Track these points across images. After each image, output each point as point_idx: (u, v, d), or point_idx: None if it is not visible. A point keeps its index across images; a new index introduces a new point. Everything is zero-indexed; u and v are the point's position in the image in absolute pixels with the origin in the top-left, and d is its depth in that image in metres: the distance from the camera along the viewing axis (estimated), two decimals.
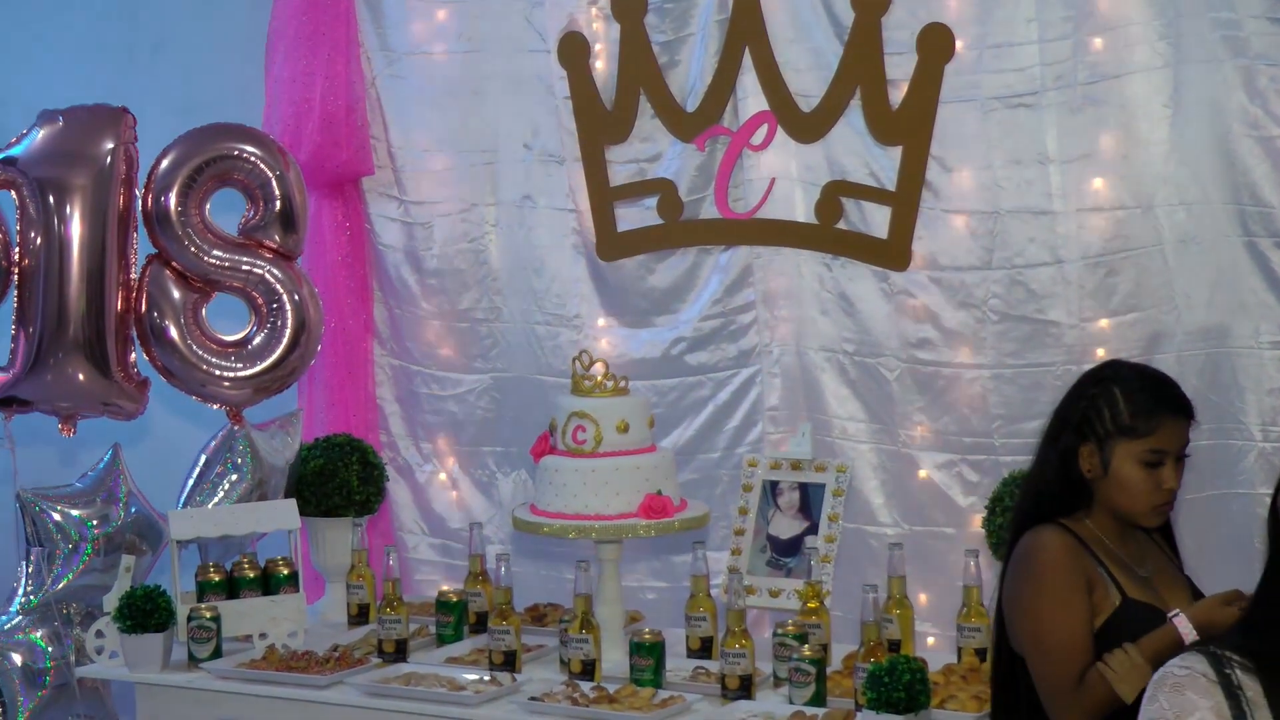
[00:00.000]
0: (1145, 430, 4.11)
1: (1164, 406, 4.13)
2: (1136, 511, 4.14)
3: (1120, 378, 4.25)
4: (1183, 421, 4.12)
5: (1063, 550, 4.19)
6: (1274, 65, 5.15)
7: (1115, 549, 4.17)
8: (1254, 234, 5.25)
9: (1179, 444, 4.10)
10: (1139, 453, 4.10)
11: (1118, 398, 4.19)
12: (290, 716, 5.11)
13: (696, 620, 5.17)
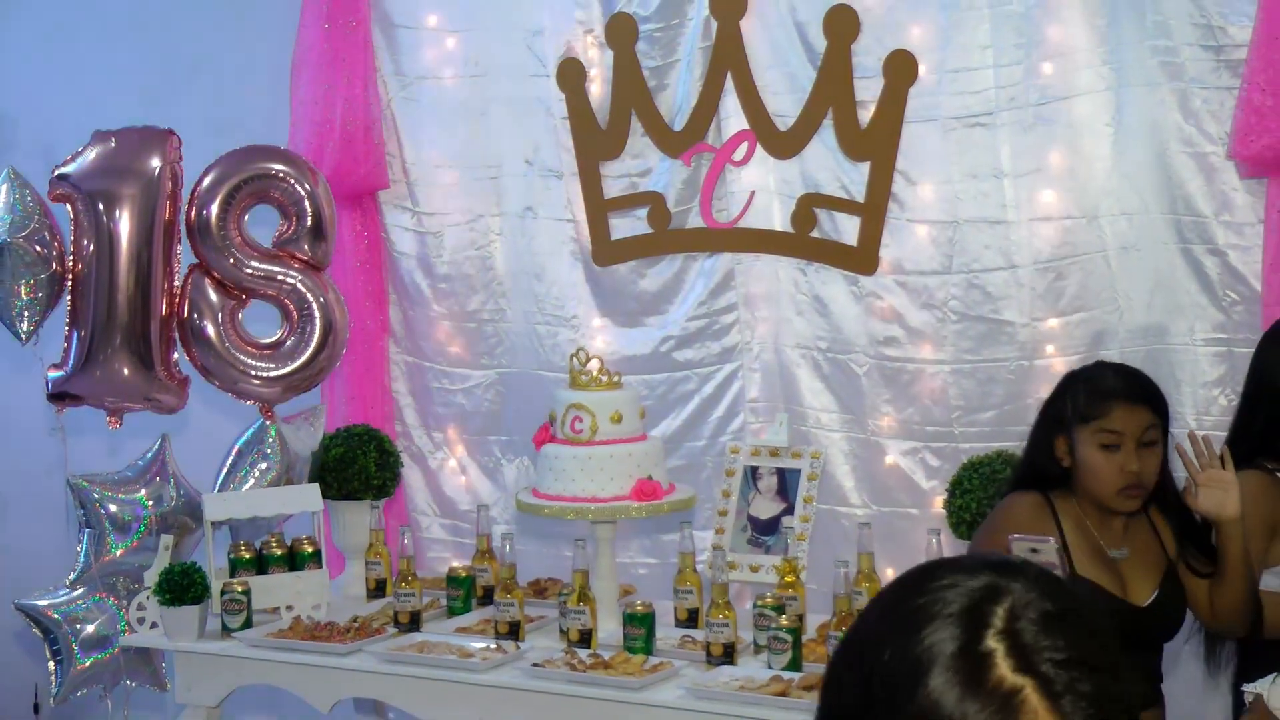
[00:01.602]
0: (1098, 414, 4.13)
1: (1117, 392, 4.15)
2: (1104, 495, 4.15)
3: (1087, 373, 4.30)
4: (1138, 407, 4.11)
5: (1024, 512, 4.24)
6: (1206, 88, 5.18)
7: (1090, 528, 4.19)
8: (1189, 241, 5.28)
9: (1134, 428, 4.10)
10: (1095, 436, 4.13)
11: (1080, 389, 4.22)
12: (314, 681, 5.12)
13: (684, 593, 5.18)
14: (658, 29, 5.93)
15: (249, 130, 5.98)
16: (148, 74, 7.02)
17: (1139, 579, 4.19)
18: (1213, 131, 5.19)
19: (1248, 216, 5.17)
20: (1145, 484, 4.12)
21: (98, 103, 6.53)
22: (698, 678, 4.65)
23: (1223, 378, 5.27)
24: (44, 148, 6.50)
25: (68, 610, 5.72)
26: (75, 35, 7.25)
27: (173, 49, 7.00)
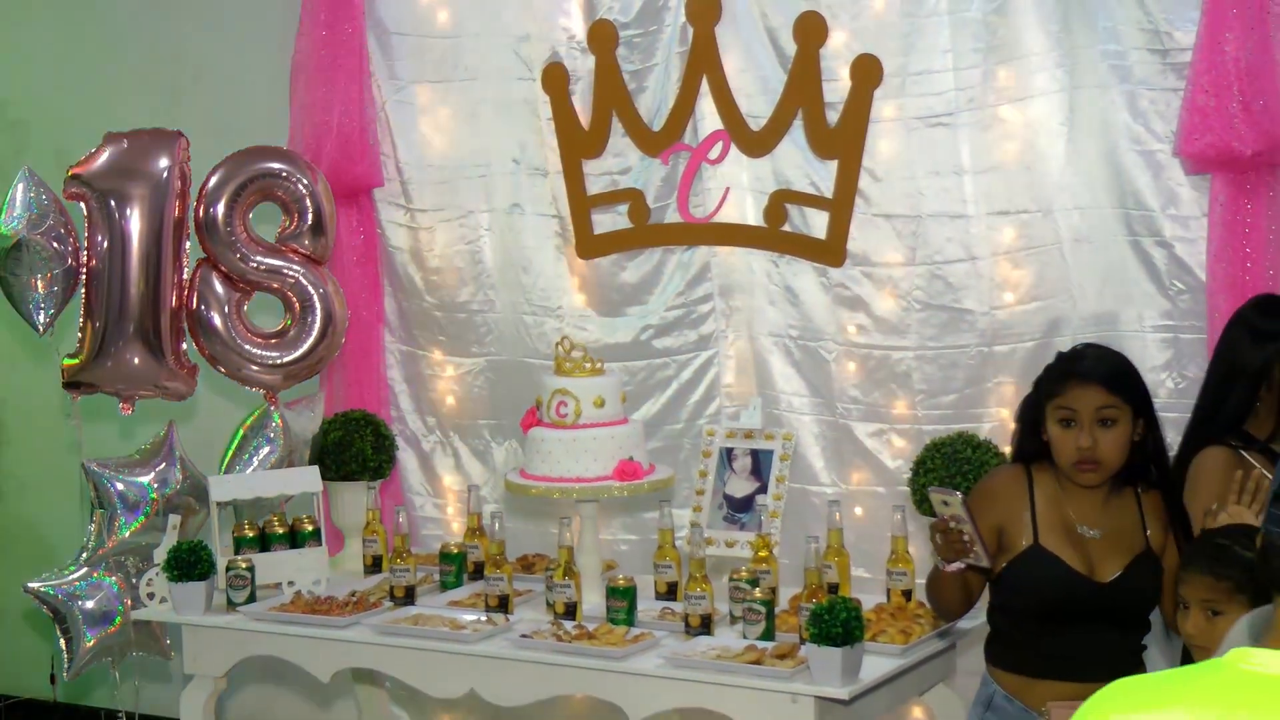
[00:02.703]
0: (1056, 391, 4.16)
1: (1072, 372, 4.17)
2: (1063, 468, 4.19)
3: (1064, 353, 4.33)
4: (1091, 387, 4.12)
5: (998, 479, 4.32)
6: (1154, 89, 5.18)
7: (1063, 502, 4.22)
8: (1138, 234, 5.28)
9: (1088, 406, 4.11)
10: (1056, 412, 4.17)
11: (1051, 368, 4.27)
12: (315, 652, 5.13)
13: (663, 567, 5.19)
14: (637, 35, 5.93)
15: (251, 132, 5.98)
16: (156, 79, 7.02)
17: (1108, 558, 4.19)
18: (1160, 130, 5.19)
19: (1193, 210, 5.18)
20: (1100, 460, 4.13)
21: (108, 107, 6.53)
22: (677, 647, 4.67)
23: (1170, 362, 5.28)
24: (57, 149, 6.52)
25: (72, 589, 5.73)
26: (86, 43, 7.25)
27: (179, 56, 7.00)
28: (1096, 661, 4.13)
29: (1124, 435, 4.16)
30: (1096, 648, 4.17)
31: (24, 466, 7.63)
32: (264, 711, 7.12)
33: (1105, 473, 4.18)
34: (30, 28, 7.40)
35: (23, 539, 7.54)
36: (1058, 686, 4.16)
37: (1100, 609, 4.17)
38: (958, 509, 4.02)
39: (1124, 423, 4.15)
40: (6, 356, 7.54)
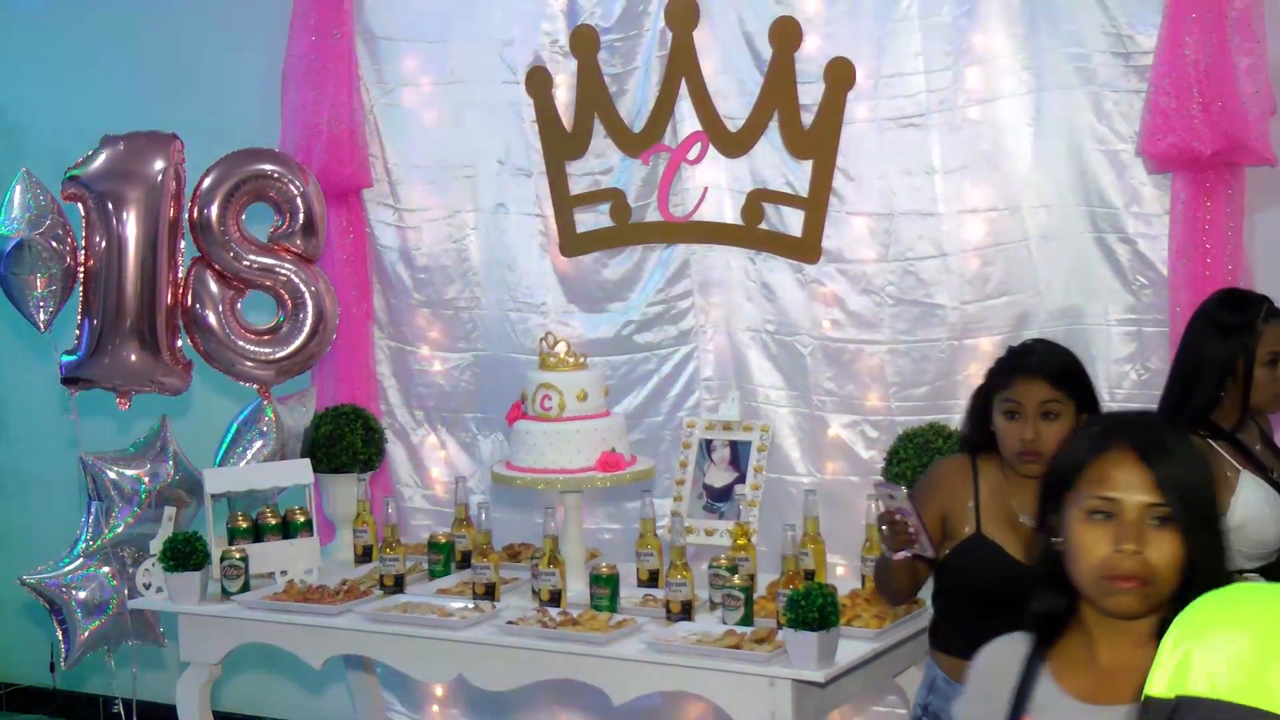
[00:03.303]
0: (1003, 384, 4.18)
1: (1018, 366, 4.19)
2: (1007, 458, 4.19)
3: (1013, 348, 4.34)
4: (1036, 381, 4.13)
5: (945, 469, 4.33)
6: (1117, 91, 5.20)
7: (1008, 491, 4.21)
8: (1102, 231, 5.30)
9: (1033, 399, 4.12)
10: (1002, 404, 4.17)
11: (999, 361, 4.28)
12: (307, 640, 5.13)
13: (645, 555, 5.19)
14: (618, 39, 5.94)
15: (244, 134, 5.98)
16: (150, 83, 7.01)
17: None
18: (1123, 130, 5.20)
19: (1155, 208, 5.19)
20: (1042, 451, 4.09)
21: (104, 110, 6.52)
22: (658, 632, 4.68)
23: (1133, 354, 5.29)
24: (54, 152, 6.49)
25: (67, 581, 5.73)
26: (82, 48, 7.23)
27: (173, 60, 6.99)
28: None
29: (1066, 428, 4.15)
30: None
31: (23, 461, 7.62)
32: (258, 698, 7.13)
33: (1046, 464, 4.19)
34: (27, 33, 7.39)
35: (22, 532, 7.53)
36: None
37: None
38: (903, 502, 4.03)
39: (1067, 416, 4.16)
40: (6, 353, 7.53)
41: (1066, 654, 2.75)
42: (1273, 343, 4.31)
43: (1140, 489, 2.58)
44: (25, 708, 7.74)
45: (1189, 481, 2.61)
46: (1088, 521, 2.62)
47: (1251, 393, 4.31)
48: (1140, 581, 2.57)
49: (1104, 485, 2.61)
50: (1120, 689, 2.59)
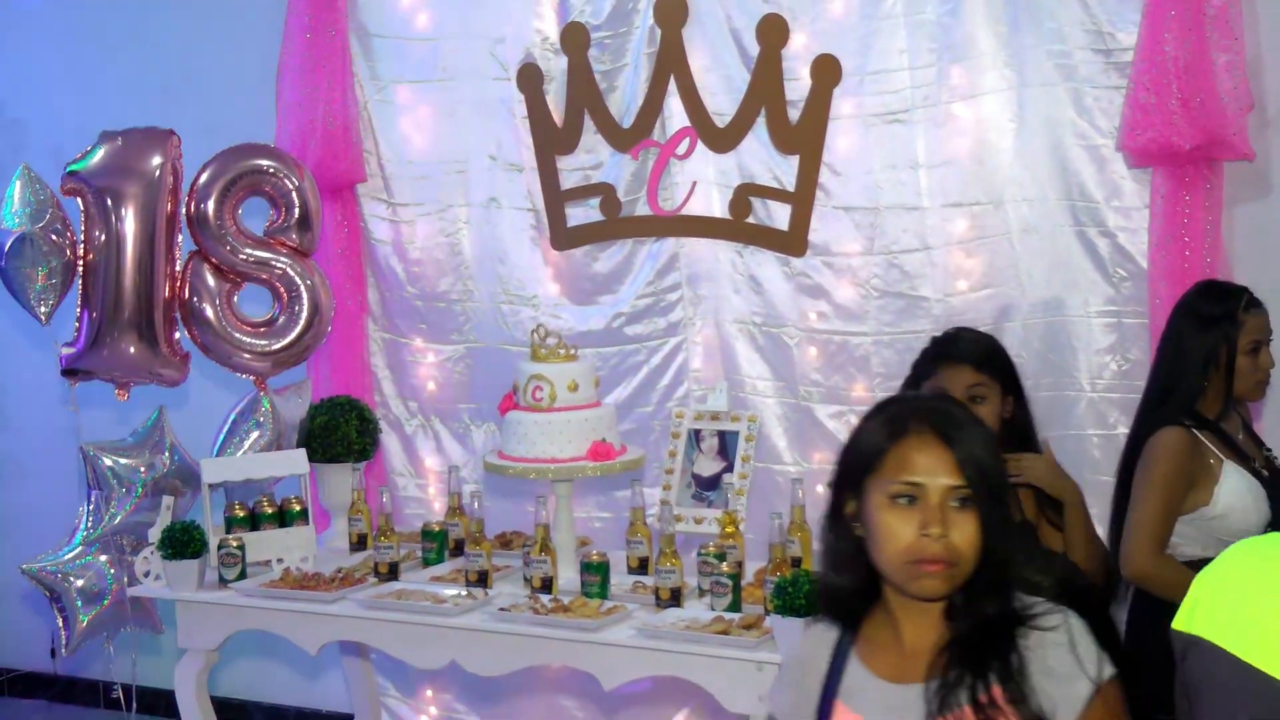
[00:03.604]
0: (929, 373, 4.24)
1: (943, 355, 4.24)
2: None
3: (932, 339, 4.34)
4: (960, 367, 4.18)
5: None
6: (1098, 87, 5.20)
7: None
8: (1083, 224, 5.30)
9: (959, 385, 4.18)
10: (928, 391, 4.20)
11: (920, 355, 4.31)
12: (303, 626, 5.11)
13: (635, 543, 5.19)
14: (607, 36, 5.92)
15: (240, 130, 5.95)
16: (148, 80, 6.99)
17: None
18: (1103, 126, 5.20)
19: (1135, 202, 5.19)
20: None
21: (103, 106, 6.48)
22: (648, 619, 4.66)
23: (1113, 345, 5.29)
24: (53, 148, 6.48)
25: (66, 569, 5.72)
26: (81, 45, 7.21)
27: (170, 57, 6.97)
28: None
29: (993, 411, 4.20)
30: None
31: (24, 450, 7.61)
32: (255, 683, 7.12)
33: None
34: (27, 30, 7.36)
35: (23, 521, 7.52)
36: None
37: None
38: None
39: (993, 400, 4.19)
40: (7, 345, 7.52)
41: (872, 637, 2.77)
42: (1254, 332, 4.32)
43: (943, 472, 2.60)
44: (26, 693, 7.74)
45: (985, 459, 2.62)
46: (891, 507, 2.62)
47: (1235, 381, 4.31)
48: (946, 564, 2.59)
49: (907, 469, 2.62)
50: (923, 668, 2.67)
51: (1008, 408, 4.25)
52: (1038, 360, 5.35)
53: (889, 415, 2.71)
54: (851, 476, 2.71)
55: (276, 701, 7.15)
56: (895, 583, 2.67)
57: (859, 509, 2.69)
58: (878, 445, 2.67)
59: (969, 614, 2.65)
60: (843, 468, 2.76)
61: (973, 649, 2.62)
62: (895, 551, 2.61)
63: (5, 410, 7.67)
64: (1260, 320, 4.35)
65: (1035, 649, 2.60)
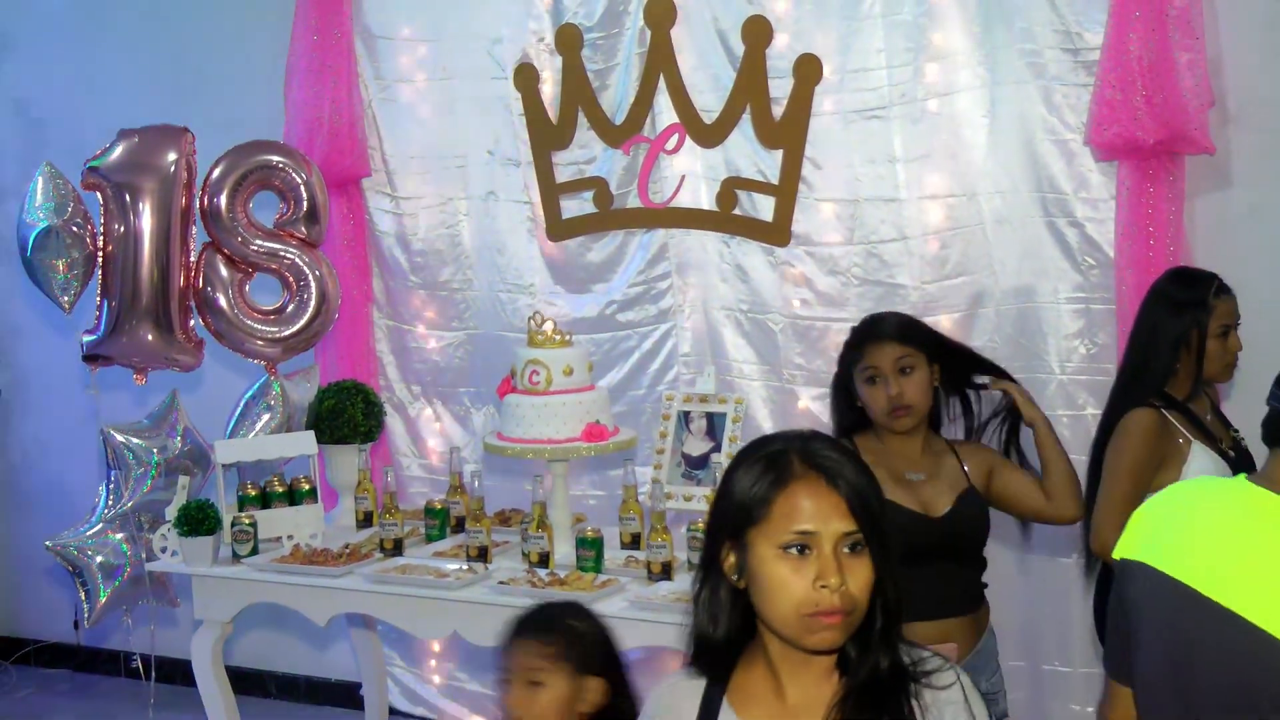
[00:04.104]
0: (858, 355, 4.23)
1: (867, 335, 4.24)
2: (879, 420, 4.24)
3: (854, 328, 4.35)
4: (886, 343, 4.19)
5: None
6: (1066, 85, 5.19)
7: (890, 455, 4.24)
8: (1053, 215, 5.29)
9: (887, 359, 4.18)
10: (860, 373, 4.25)
11: (846, 342, 4.31)
12: (312, 599, 5.11)
13: (627, 520, 5.18)
14: (600, 37, 5.91)
15: (250, 127, 5.94)
16: (163, 81, 6.97)
17: (937, 497, 4.21)
18: (1072, 122, 5.19)
19: (1102, 194, 5.19)
20: (909, 404, 4.18)
21: (120, 105, 6.48)
22: (640, 591, 4.66)
23: (1081, 330, 5.29)
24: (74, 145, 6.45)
25: (87, 545, 5.72)
26: (100, 48, 7.19)
27: (184, 58, 6.95)
28: (945, 599, 4.16)
29: (924, 380, 4.21)
30: (943, 586, 4.16)
31: (47, 432, 7.60)
32: (267, 654, 7.12)
33: (916, 416, 4.22)
34: (49, 34, 7.34)
35: (46, 498, 7.52)
36: (919, 628, 4.16)
37: (940, 543, 4.16)
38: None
39: (921, 368, 4.20)
40: (32, 333, 7.51)
41: (747, 688, 2.50)
42: (1223, 316, 4.33)
43: (835, 516, 2.33)
44: (51, 663, 7.73)
45: (870, 495, 2.38)
46: (783, 558, 2.34)
47: (1205, 364, 4.31)
48: (843, 615, 2.33)
49: (797, 518, 2.34)
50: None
51: (936, 375, 4.26)
52: (1010, 345, 5.35)
53: (768, 461, 2.41)
54: (731, 527, 2.42)
55: (288, 671, 7.15)
56: (788, 636, 2.38)
57: (740, 560, 2.40)
58: (761, 495, 2.38)
59: (863, 666, 2.41)
60: (719, 519, 2.46)
61: (868, 707, 2.39)
62: (790, 605, 2.33)
63: (30, 394, 7.67)
64: (1229, 305, 4.36)
65: (931, 708, 2.40)
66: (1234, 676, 2.53)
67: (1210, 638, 2.55)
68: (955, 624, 4.17)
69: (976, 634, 4.24)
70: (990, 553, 4.39)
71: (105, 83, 7.15)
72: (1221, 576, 2.54)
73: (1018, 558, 5.40)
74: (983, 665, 4.22)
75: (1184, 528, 2.66)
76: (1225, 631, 2.52)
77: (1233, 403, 4.94)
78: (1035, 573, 5.44)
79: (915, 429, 4.24)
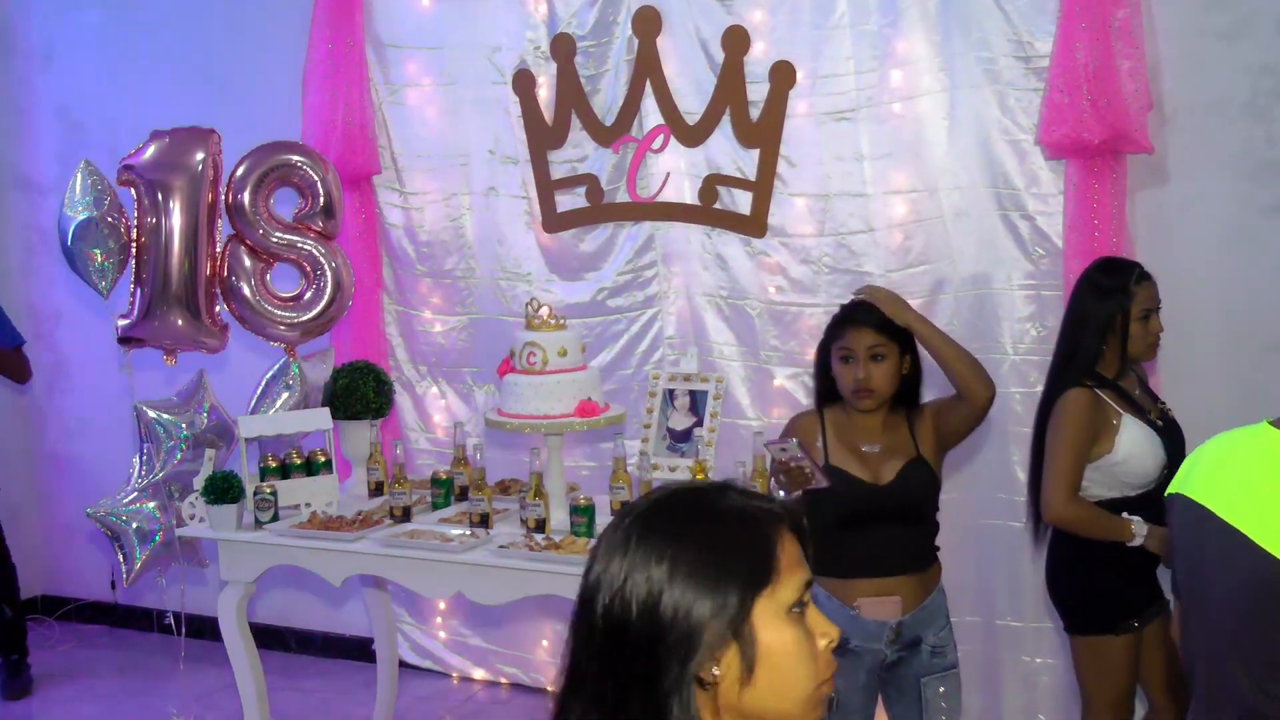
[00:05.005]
0: (837, 335, 4.27)
1: (848, 319, 4.26)
2: (845, 397, 4.26)
3: (841, 307, 4.36)
4: (863, 329, 4.20)
5: (799, 422, 4.38)
6: (1019, 89, 5.18)
7: (850, 428, 4.27)
8: (1006, 209, 5.28)
9: (861, 344, 4.20)
10: (837, 352, 4.27)
11: (832, 321, 4.34)
12: (328, 562, 5.09)
13: (617, 489, 5.15)
14: (591, 45, 5.89)
15: (271, 129, 5.92)
16: (192, 86, 6.95)
17: (886, 466, 4.23)
18: (1024, 123, 5.19)
19: (1051, 189, 5.18)
20: (873, 389, 4.20)
21: (153, 109, 6.45)
22: None
23: (1033, 314, 5.29)
24: (109, 145, 6.46)
25: (123, 511, 5.71)
26: (133, 56, 7.17)
27: (211, 65, 6.92)
28: (892, 558, 4.21)
29: (893, 368, 4.22)
30: (891, 546, 4.21)
31: (86, 409, 7.59)
32: (287, 611, 7.12)
33: (879, 399, 4.23)
34: (87, 44, 7.32)
35: (85, 470, 7.51)
36: (864, 584, 4.21)
37: (886, 507, 4.19)
38: (795, 450, 4.02)
39: (892, 358, 4.21)
40: (72, 316, 7.50)
41: None
42: (1144, 301, 4.33)
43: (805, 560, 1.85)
44: (91, 619, 7.73)
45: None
46: (787, 618, 1.76)
47: (1128, 345, 4.31)
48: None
49: (802, 569, 1.83)
50: None
51: (905, 365, 4.26)
52: (968, 328, 5.34)
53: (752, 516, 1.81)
54: (725, 619, 1.73)
55: (306, 627, 7.15)
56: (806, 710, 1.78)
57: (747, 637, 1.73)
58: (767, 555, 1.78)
59: None
60: (686, 627, 1.71)
61: None
62: (811, 672, 1.78)
63: (70, 374, 7.65)
64: (1150, 291, 4.36)
65: None
66: (1231, 577, 2.66)
67: (1215, 551, 2.69)
68: (900, 581, 4.21)
69: (924, 591, 4.26)
70: (947, 517, 4.40)
71: (139, 88, 7.13)
72: (1232, 501, 2.69)
73: (974, 523, 5.40)
74: (930, 620, 4.26)
75: (1215, 463, 2.80)
76: (1226, 545, 2.65)
77: (1161, 378, 4.98)
78: (990, 536, 5.44)
79: (878, 408, 4.25)
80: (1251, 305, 5.09)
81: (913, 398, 4.34)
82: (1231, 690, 2.69)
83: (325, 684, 6.71)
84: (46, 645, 7.40)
